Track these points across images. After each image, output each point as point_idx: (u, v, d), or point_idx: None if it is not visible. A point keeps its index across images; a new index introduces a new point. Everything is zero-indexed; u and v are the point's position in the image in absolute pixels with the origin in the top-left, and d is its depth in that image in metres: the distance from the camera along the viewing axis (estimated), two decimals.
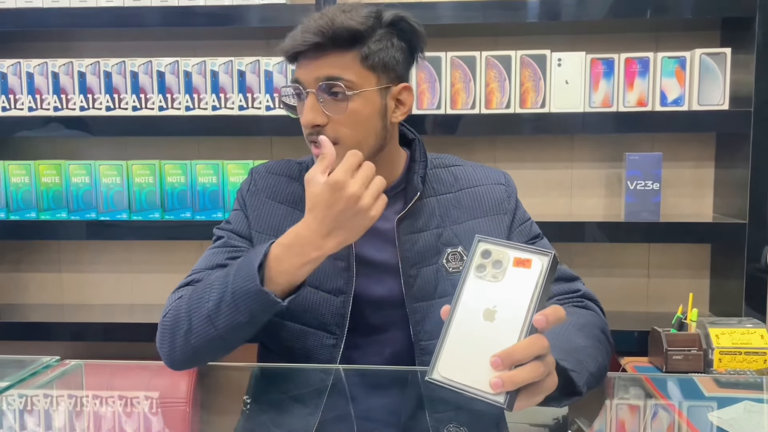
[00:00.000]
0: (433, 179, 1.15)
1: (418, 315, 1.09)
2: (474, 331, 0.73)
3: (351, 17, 1.01)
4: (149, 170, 1.85)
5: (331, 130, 1.03)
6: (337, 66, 1.01)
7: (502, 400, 0.70)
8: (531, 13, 1.75)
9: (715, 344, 1.58)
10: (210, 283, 0.98)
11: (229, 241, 1.13)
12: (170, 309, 1.02)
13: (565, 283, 1.12)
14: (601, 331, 1.00)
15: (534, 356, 0.71)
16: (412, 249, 1.10)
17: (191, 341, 0.96)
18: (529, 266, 0.73)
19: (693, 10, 1.72)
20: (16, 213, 1.88)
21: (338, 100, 1.02)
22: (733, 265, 1.83)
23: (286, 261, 0.92)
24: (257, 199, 1.15)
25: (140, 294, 2.11)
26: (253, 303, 0.90)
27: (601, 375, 0.94)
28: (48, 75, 1.85)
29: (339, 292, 1.10)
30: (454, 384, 0.72)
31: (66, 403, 0.90)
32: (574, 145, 1.98)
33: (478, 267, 0.75)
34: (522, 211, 1.18)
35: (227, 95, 1.82)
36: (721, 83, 1.74)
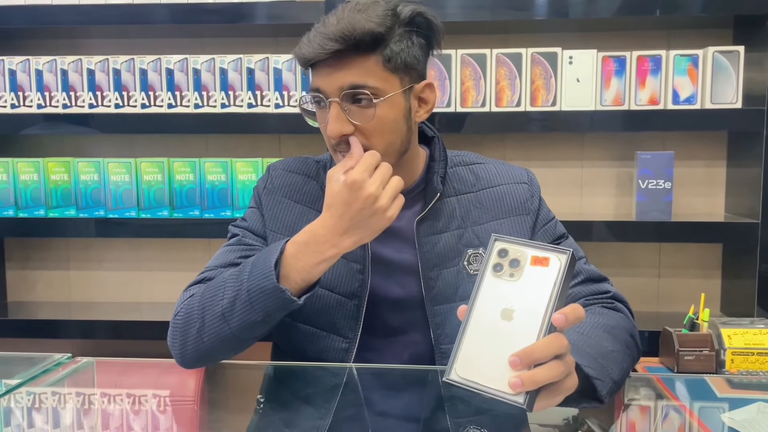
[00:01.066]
0: (453, 178, 1.13)
1: (439, 318, 1.07)
2: (492, 331, 0.72)
3: (369, 18, 0.97)
4: (158, 168, 1.85)
5: (360, 139, 1.00)
6: (361, 72, 0.98)
7: (521, 400, 0.69)
8: (542, 10, 1.74)
9: (728, 345, 1.56)
10: (224, 280, 0.97)
11: (244, 239, 1.11)
12: (182, 307, 1.01)
13: (594, 283, 1.09)
14: (629, 335, 0.98)
15: (553, 355, 0.70)
16: (432, 251, 1.08)
17: (204, 339, 0.95)
18: (547, 264, 0.72)
19: (705, 8, 1.71)
20: (25, 210, 1.88)
21: (364, 107, 0.99)
22: (745, 264, 1.81)
23: (302, 259, 0.92)
24: (273, 197, 1.13)
25: (148, 292, 2.11)
26: (269, 301, 0.89)
27: (624, 380, 0.93)
28: (57, 72, 1.84)
29: (353, 295, 1.08)
30: (472, 384, 0.71)
31: (77, 400, 0.90)
32: (585, 144, 1.96)
33: (495, 266, 0.74)
34: (546, 211, 1.15)
35: (236, 93, 1.81)
36: (734, 81, 1.73)
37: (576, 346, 0.80)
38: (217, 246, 2.03)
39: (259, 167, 1.83)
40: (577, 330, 0.90)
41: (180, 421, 0.89)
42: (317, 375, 0.98)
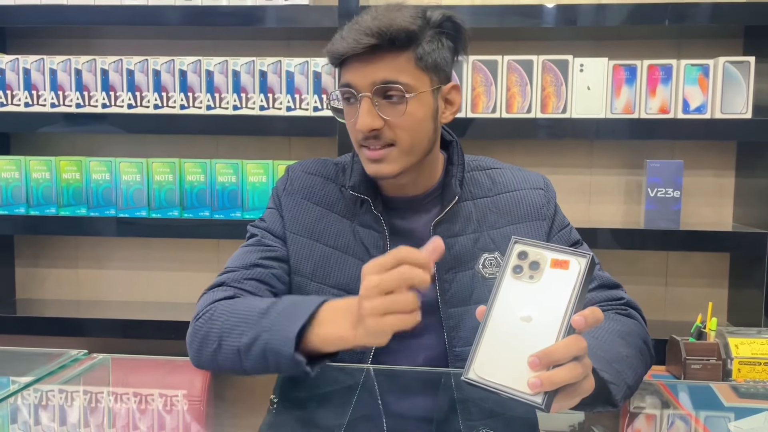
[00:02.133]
0: (470, 182, 1.13)
1: (453, 321, 1.07)
2: (511, 332, 0.72)
3: (404, 17, 0.99)
4: (169, 168, 1.86)
5: (388, 133, 1.01)
6: (393, 68, 0.99)
7: (539, 400, 0.69)
8: (553, 18, 1.75)
9: (735, 354, 1.56)
10: (246, 314, 0.94)
11: (263, 239, 1.12)
12: (203, 320, 0.99)
13: (607, 290, 1.09)
14: (643, 342, 0.99)
15: (572, 357, 0.70)
16: (448, 253, 1.07)
17: (218, 360, 0.95)
18: (567, 267, 0.73)
19: (715, 18, 1.72)
20: (36, 208, 1.89)
21: (395, 103, 1.00)
22: (753, 274, 1.81)
23: (326, 328, 0.87)
24: (293, 199, 1.13)
25: (157, 291, 2.11)
26: (283, 363, 0.88)
27: (638, 385, 0.93)
28: (71, 72, 1.86)
29: None
30: (490, 384, 0.71)
31: (94, 397, 0.90)
32: (594, 151, 1.97)
33: (515, 268, 0.75)
34: (561, 217, 1.16)
35: (248, 95, 1.82)
36: (744, 92, 1.73)
37: (591, 351, 0.80)
38: (227, 247, 2.05)
39: (270, 169, 1.84)
40: (592, 335, 0.91)
41: (194, 419, 0.90)
42: (334, 376, 0.98)
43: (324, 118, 1.81)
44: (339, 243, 1.10)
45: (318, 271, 1.10)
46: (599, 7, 1.74)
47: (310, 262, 1.10)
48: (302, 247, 1.11)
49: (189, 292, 2.09)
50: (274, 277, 1.08)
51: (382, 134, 1.02)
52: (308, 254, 1.10)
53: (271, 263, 1.09)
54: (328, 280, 1.10)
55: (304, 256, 1.11)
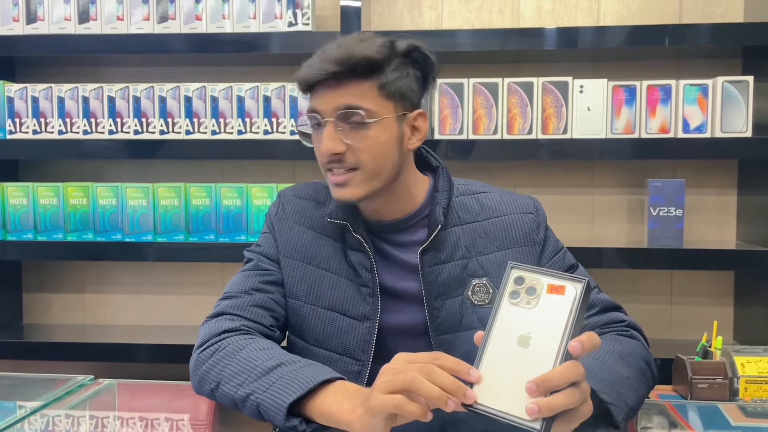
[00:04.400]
0: (458, 207, 1.14)
1: (443, 347, 1.08)
2: (509, 357, 0.73)
3: (368, 46, 1.02)
4: (175, 193, 1.88)
5: (351, 157, 1.04)
6: (356, 95, 1.03)
7: (538, 426, 0.70)
8: (552, 40, 1.77)
9: (741, 373, 1.56)
10: (251, 366, 0.94)
11: (260, 264, 1.14)
12: (207, 351, 1.00)
13: (608, 312, 1.10)
14: (645, 362, 0.99)
15: (570, 383, 0.71)
16: (436, 280, 1.09)
17: (215, 397, 0.97)
18: (563, 293, 0.74)
19: (714, 38, 1.74)
20: (44, 234, 1.91)
21: (357, 128, 1.03)
22: (758, 292, 1.81)
23: (324, 404, 0.87)
24: (285, 224, 1.15)
25: (163, 315, 2.12)
26: (276, 423, 0.89)
27: (639, 406, 0.93)
28: (78, 99, 1.89)
29: (364, 318, 1.10)
30: (489, 410, 0.72)
31: (100, 422, 0.91)
32: (596, 171, 1.98)
33: (512, 293, 0.76)
34: (553, 241, 1.16)
35: (253, 120, 1.85)
36: (743, 111, 1.74)
37: (592, 373, 0.81)
38: (232, 270, 2.06)
39: (274, 192, 1.86)
40: (592, 357, 0.91)
41: None
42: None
43: None
44: (331, 265, 1.12)
45: (311, 293, 1.12)
46: (598, 29, 1.76)
47: (303, 285, 1.12)
48: (295, 270, 1.12)
49: (195, 316, 2.11)
50: (273, 302, 1.10)
51: (345, 158, 1.04)
52: (301, 277, 1.12)
53: (269, 288, 1.11)
54: (321, 302, 1.11)
55: (297, 278, 1.12)
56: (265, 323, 1.07)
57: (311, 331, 1.11)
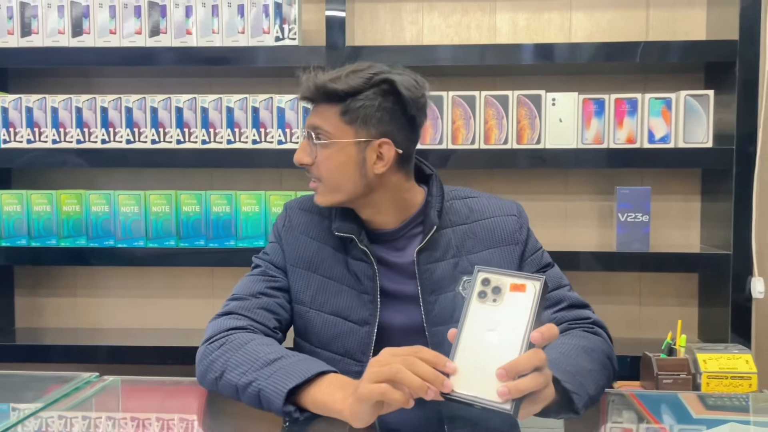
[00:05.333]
0: (449, 211, 1.23)
1: (437, 338, 1.17)
2: (479, 349, 0.82)
3: (340, 78, 1.14)
4: (166, 200, 1.95)
5: (314, 170, 1.19)
6: (322, 117, 1.16)
7: (508, 407, 0.79)
8: (527, 56, 1.87)
9: (703, 369, 1.66)
10: (254, 357, 1.03)
11: (267, 270, 1.23)
12: (215, 343, 1.08)
13: (576, 309, 1.19)
14: (606, 357, 1.09)
15: (534, 368, 0.80)
16: (430, 278, 1.19)
17: (218, 386, 1.06)
18: (524, 290, 0.83)
19: (677, 55, 1.85)
20: (38, 240, 1.97)
21: (318, 146, 1.17)
22: (719, 293, 1.92)
23: (318, 394, 0.96)
24: (291, 234, 1.24)
25: (153, 318, 2.18)
26: (274, 410, 0.97)
27: (599, 396, 1.03)
28: (72, 110, 1.95)
29: (364, 322, 1.19)
30: (465, 396, 0.81)
31: (106, 419, 0.98)
32: (568, 179, 2.08)
33: (480, 293, 0.85)
34: (533, 241, 1.26)
35: (242, 130, 1.93)
36: (705, 123, 1.86)
37: (557, 364, 0.90)
38: (221, 274, 2.14)
39: (262, 199, 1.94)
40: (559, 350, 1.01)
41: None
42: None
43: None
44: (334, 274, 1.21)
45: (316, 299, 1.21)
46: (570, 46, 1.87)
47: (309, 292, 1.21)
48: (301, 278, 1.22)
49: (184, 319, 2.17)
50: (278, 306, 1.20)
51: (311, 170, 1.18)
52: (307, 284, 1.21)
53: (275, 293, 1.20)
54: (325, 308, 1.20)
55: (303, 286, 1.21)
56: (269, 325, 1.16)
57: (315, 334, 1.21)
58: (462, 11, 2.07)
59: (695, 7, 2.02)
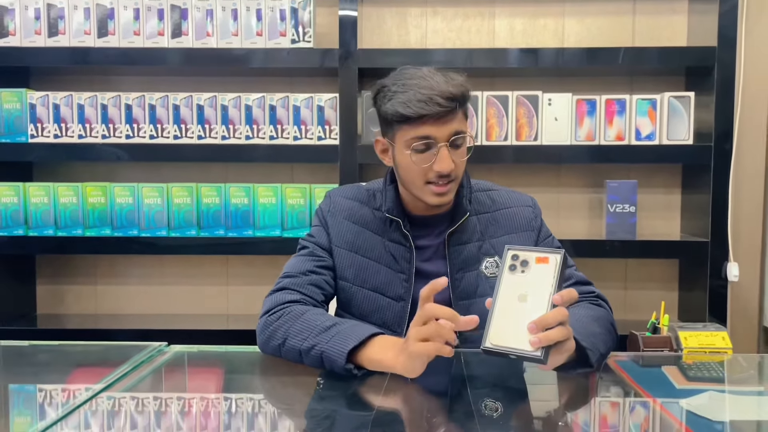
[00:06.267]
0: (475, 201, 1.40)
1: (462, 311, 1.29)
2: (513, 310, 0.99)
3: (459, 83, 1.25)
4: (187, 192, 2.07)
5: (453, 173, 1.28)
6: (459, 121, 1.26)
7: (539, 353, 0.96)
8: (525, 59, 2.02)
9: (684, 345, 1.83)
10: (312, 325, 1.16)
11: (314, 251, 1.37)
12: (274, 315, 1.22)
13: (583, 285, 1.37)
14: (610, 324, 1.27)
15: (559, 322, 0.97)
16: (458, 258, 1.35)
17: (281, 352, 1.20)
18: (548, 262, 1.01)
19: (661, 59, 2.02)
20: (64, 230, 2.08)
21: (462, 148, 1.28)
22: (698, 278, 2.10)
23: (372, 353, 1.11)
24: (335, 219, 1.39)
25: (169, 304, 2.31)
26: (336, 368, 1.11)
27: (608, 354, 1.21)
28: (97, 106, 2.06)
29: (399, 298, 1.35)
30: (502, 348, 0.97)
31: (174, 392, 1.09)
32: (561, 173, 2.25)
33: (510, 266, 1.02)
34: (545, 229, 1.44)
35: (259, 126, 2.05)
36: (686, 122, 2.03)
37: (573, 328, 1.06)
38: (235, 262, 2.27)
39: (279, 191, 2.07)
40: (573, 318, 1.17)
41: (242, 408, 1.09)
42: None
43: (327, 146, 2.05)
44: (373, 254, 1.37)
45: (358, 277, 1.36)
46: (563, 50, 2.03)
47: (351, 270, 1.36)
48: (345, 258, 1.37)
49: (200, 304, 2.30)
50: (325, 283, 1.34)
51: (450, 173, 1.27)
52: (350, 263, 1.37)
53: (322, 271, 1.35)
54: (366, 284, 1.36)
55: (347, 265, 1.37)
56: (317, 299, 1.31)
57: (357, 307, 1.36)
58: (463, 16, 2.22)
59: (677, 14, 2.19)
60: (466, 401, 1.02)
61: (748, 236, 2.19)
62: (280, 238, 2.07)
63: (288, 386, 1.14)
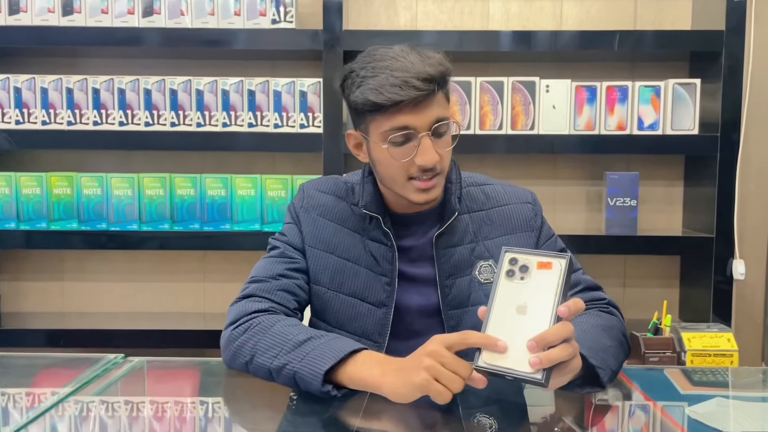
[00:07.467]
0: (466, 197, 1.25)
1: (453, 321, 1.19)
2: (509, 324, 0.86)
3: (437, 61, 1.09)
4: (160, 183, 1.93)
5: (440, 166, 1.12)
6: (440, 105, 1.10)
7: (540, 377, 0.83)
8: (521, 43, 1.90)
9: (688, 347, 1.73)
10: (283, 339, 1.03)
11: (286, 252, 1.22)
12: (240, 328, 1.08)
13: (591, 291, 1.23)
14: (622, 334, 1.13)
15: (563, 339, 0.84)
16: (448, 262, 1.20)
17: (249, 369, 1.06)
18: (551, 268, 0.87)
19: (664, 44, 1.90)
20: (27, 223, 1.94)
21: (445, 136, 1.12)
22: (701, 275, 2.00)
23: (355, 370, 0.97)
24: (309, 216, 1.24)
25: (143, 303, 2.17)
26: (311, 389, 0.98)
27: (619, 370, 1.07)
28: (62, 90, 1.92)
29: (381, 304, 1.20)
30: (497, 368, 0.84)
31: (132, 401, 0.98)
32: (559, 164, 2.13)
33: (508, 272, 0.88)
34: (547, 228, 1.29)
35: (237, 113, 1.92)
36: (691, 110, 1.92)
37: (580, 342, 0.94)
38: (213, 258, 2.14)
39: (258, 183, 1.94)
40: (580, 329, 1.04)
41: (215, 416, 0.98)
42: None
43: (310, 135, 1.92)
44: (352, 255, 1.22)
45: (334, 280, 1.21)
46: (561, 33, 1.90)
47: (327, 273, 1.21)
48: (319, 260, 1.22)
49: (175, 302, 2.17)
50: (298, 288, 1.20)
51: (436, 166, 1.12)
52: (325, 266, 1.22)
53: (294, 274, 1.20)
54: (343, 289, 1.21)
55: (321, 267, 1.22)
56: (290, 306, 1.17)
57: (333, 315, 1.22)
58: None
59: None
60: (456, 417, 0.91)
61: (754, 232, 2.09)
62: (259, 233, 1.94)
63: (257, 406, 1.01)
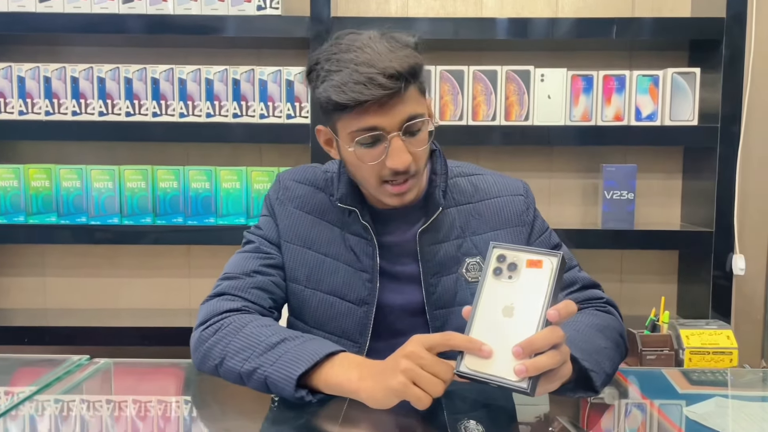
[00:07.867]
0: (453, 189, 1.17)
1: (439, 322, 1.13)
2: (495, 327, 0.80)
3: (409, 52, 1.00)
4: (141, 175, 1.87)
5: (413, 167, 1.04)
6: (415, 101, 1.01)
7: (525, 385, 0.77)
8: (514, 30, 1.83)
9: (686, 345, 1.68)
10: (254, 341, 0.97)
11: (261, 247, 1.15)
12: (210, 329, 1.02)
13: (588, 289, 1.16)
14: (619, 335, 1.06)
15: (552, 345, 0.78)
16: (433, 259, 1.13)
17: (219, 372, 1.00)
18: (541, 266, 0.80)
19: (663, 32, 1.84)
20: (4, 217, 1.87)
21: (419, 135, 1.03)
22: (700, 270, 1.94)
23: (331, 374, 0.91)
24: (285, 208, 1.16)
25: (127, 299, 2.11)
26: (284, 395, 0.92)
27: (614, 373, 1.01)
28: (40, 79, 1.85)
29: (362, 302, 1.13)
30: (480, 375, 0.78)
31: (100, 403, 0.93)
32: (554, 156, 2.07)
33: (495, 270, 0.82)
34: (540, 222, 1.21)
35: (221, 103, 1.85)
36: (691, 100, 1.86)
37: (572, 343, 0.88)
38: (198, 252, 2.07)
39: (243, 175, 1.88)
40: (574, 328, 0.99)
41: (196, 419, 0.93)
42: None
43: (298, 125, 1.86)
44: (330, 250, 1.14)
45: (312, 277, 1.14)
46: (557, 20, 1.84)
47: (304, 270, 1.14)
48: (296, 255, 1.14)
49: (159, 299, 2.10)
50: (273, 285, 1.12)
51: (410, 168, 1.04)
52: (302, 261, 1.14)
53: (269, 270, 1.13)
54: (321, 287, 1.14)
55: (298, 263, 1.14)
56: (265, 305, 1.10)
57: (311, 314, 1.15)
58: None
59: None
60: (441, 424, 0.86)
61: (754, 226, 2.04)
62: (245, 227, 1.86)
63: (228, 415, 0.95)
